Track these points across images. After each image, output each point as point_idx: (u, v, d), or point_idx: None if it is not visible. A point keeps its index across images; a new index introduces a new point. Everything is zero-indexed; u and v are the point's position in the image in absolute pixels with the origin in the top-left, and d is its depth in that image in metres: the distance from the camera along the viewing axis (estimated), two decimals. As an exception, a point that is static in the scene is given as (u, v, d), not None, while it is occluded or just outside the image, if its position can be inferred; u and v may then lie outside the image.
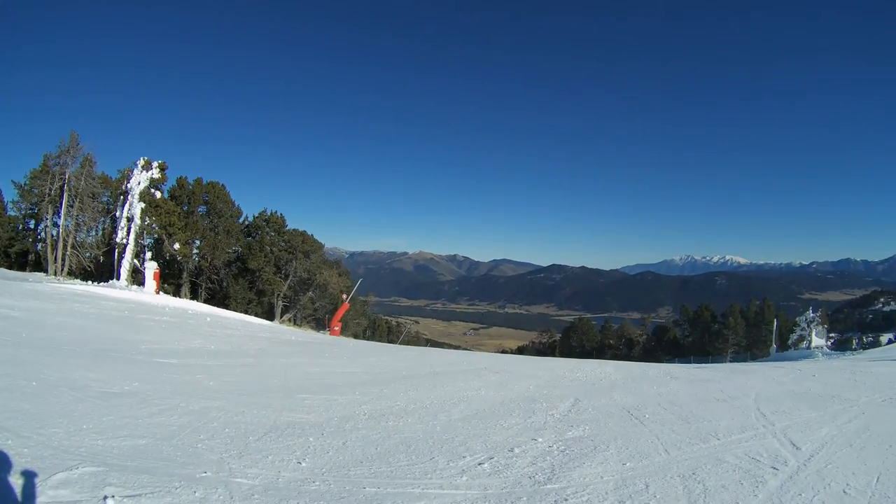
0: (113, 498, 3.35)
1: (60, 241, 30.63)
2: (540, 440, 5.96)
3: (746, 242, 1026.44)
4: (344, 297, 37.34)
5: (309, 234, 38.67)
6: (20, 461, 3.83)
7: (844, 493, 4.65)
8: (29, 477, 3.54)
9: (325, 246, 41.21)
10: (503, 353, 57.21)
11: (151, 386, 7.25)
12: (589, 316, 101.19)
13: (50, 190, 30.77)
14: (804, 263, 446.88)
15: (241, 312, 31.82)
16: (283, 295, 37.66)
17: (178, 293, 33.84)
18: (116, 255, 31.45)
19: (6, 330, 10.36)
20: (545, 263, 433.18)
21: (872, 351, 37.67)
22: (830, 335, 57.93)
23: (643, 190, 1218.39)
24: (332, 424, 6.11)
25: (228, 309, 31.63)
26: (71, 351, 9.41)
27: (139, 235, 31.53)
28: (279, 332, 22.95)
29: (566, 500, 4.16)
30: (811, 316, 49.73)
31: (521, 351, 77.74)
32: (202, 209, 36.43)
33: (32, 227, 35.38)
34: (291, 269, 37.25)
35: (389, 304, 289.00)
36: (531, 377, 12.01)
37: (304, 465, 4.59)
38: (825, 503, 4.41)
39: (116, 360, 9.20)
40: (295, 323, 37.43)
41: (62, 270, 30.43)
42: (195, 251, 35.48)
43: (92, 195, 31.87)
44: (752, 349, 58.44)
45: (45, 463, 3.88)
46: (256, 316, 32.45)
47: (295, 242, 37.44)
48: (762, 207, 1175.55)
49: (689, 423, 7.22)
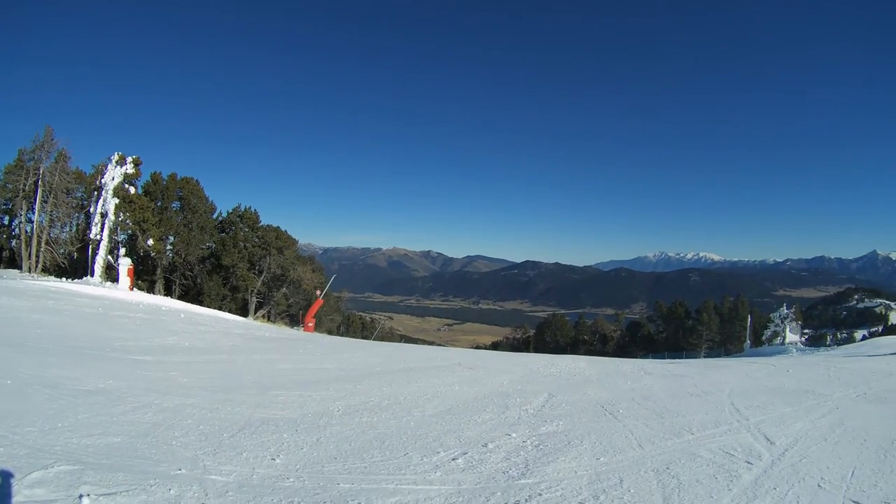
0: (88, 496, 3.32)
1: (35, 237, 29.69)
2: (514, 435, 5.91)
3: (720, 240, 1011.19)
4: (318, 293, 36.96)
5: (283, 229, 38.31)
6: (-5, 460, 3.75)
7: (819, 486, 4.61)
8: (4, 476, 3.48)
9: (298, 242, 40.89)
10: (477, 348, 56.97)
11: (126, 383, 7.13)
12: (563, 312, 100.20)
13: (24, 185, 29.76)
14: (778, 261, 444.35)
15: (215, 309, 31.28)
16: (256, 291, 37.18)
17: (152, 290, 33.06)
18: (90, 251, 30.58)
19: (-24, 327, 10.05)
20: (519, 260, 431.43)
21: (847, 347, 37.11)
22: (804, 331, 58.02)
23: (617, 187, 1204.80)
24: (306, 421, 6.05)
25: (202, 305, 31.07)
26: (45, 348, 9.19)
27: (113, 231, 30.74)
28: (253, 328, 22.70)
29: (540, 494, 4.10)
30: (785, 312, 49.69)
31: (495, 347, 77.31)
32: (176, 205, 35.67)
33: (7, 223, 34.20)
34: (265, 265, 36.77)
35: (363, 300, 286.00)
36: (505, 373, 11.88)
37: (278, 461, 4.55)
38: (799, 497, 4.35)
39: (91, 357, 9.02)
40: (269, 319, 37.00)
41: (36, 267, 29.50)
42: (169, 247, 34.74)
43: (66, 191, 30.98)
44: (726, 345, 58.22)
45: (20, 462, 3.82)
46: (230, 312, 32.00)
47: (269, 238, 36.97)
48: (736, 205, 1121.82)
49: (662, 417, 7.17)
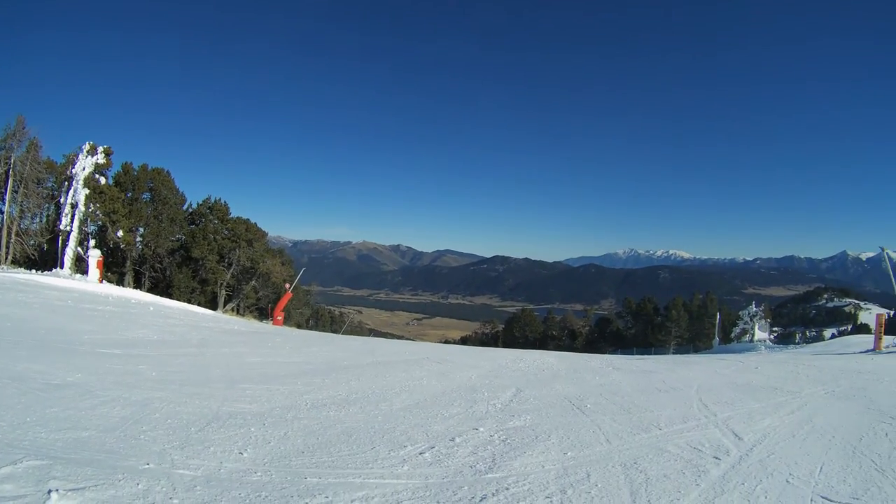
0: (57, 491, 3.30)
1: (4, 228, 28.35)
2: (481, 430, 5.84)
3: (690, 237, 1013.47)
4: (287, 286, 36.42)
5: (252, 222, 37.39)
6: (-38, 456, 3.67)
7: (787, 482, 4.54)
8: (-28, 472, 3.43)
9: (268, 234, 40.01)
10: (446, 343, 56.37)
11: (94, 377, 6.97)
12: (532, 307, 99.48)
13: (-6, 175, 28.50)
14: (748, 259, 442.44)
15: (184, 302, 30.54)
16: (226, 284, 36.37)
17: (121, 282, 32.08)
18: (60, 242, 29.44)
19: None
20: (489, 255, 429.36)
21: (815, 345, 36.94)
22: (773, 329, 57.68)
23: (587, 183, 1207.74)
24: (273, 414, 5.99)
25: (172, 298, 30.29)
26: (13, 342, 8.87)
27: (83, 223, 29.68)
28: (222, 321, 22.29)
29: (507, 488, 4.05)
30: (754, 310, 49.39)
31: (463, 341, 76.21)
32: (146, 196, 34.58)
33: (-24, 213, 32.71)
34: (235, 257, 35.91)
35: (332, 293, 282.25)
36: (473, 367, 11.76)
37: (245, 455, 4.51)
38: (768, 492, 4.25)
39: (59, 350, 8.75)
40: (238, 312, 36.27)
41: (6, 259, 28.21)
42: (139, 239, 33.69)
43: (37, 181, 29.62)
44: (694, 342, 57.58)
45: (-12, 457, 3.75)
46: (199, 305, 31.24)
47: (238, 231, 36.10)
48: (707, 204, 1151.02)
49: (630, 413, 7.09)
